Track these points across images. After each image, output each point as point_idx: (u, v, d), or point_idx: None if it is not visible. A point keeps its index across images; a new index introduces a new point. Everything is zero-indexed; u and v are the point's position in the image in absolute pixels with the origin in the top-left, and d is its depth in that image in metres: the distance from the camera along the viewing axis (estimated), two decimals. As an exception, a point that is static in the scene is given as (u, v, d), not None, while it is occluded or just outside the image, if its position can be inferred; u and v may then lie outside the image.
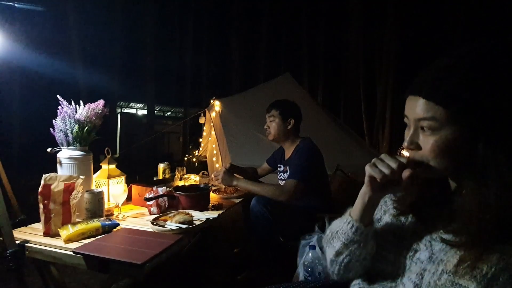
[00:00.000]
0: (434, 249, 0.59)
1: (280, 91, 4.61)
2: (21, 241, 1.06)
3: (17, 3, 2.17)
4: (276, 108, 1.92)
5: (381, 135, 10.16)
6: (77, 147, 1.40)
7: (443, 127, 0.55)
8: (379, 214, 0.77)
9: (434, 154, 0.57)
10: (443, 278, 0.53)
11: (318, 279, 1.29)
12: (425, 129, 0.58)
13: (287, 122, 1.90)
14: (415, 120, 0.60)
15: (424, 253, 0.61)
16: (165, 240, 1.08)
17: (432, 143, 0.57)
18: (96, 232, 1.15)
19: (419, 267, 0.60)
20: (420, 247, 0.62)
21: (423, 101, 0.57)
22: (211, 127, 4.74)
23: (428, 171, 0.60)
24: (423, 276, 0.58)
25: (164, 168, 2.03)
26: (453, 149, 0.56)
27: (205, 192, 1.63)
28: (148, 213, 1.48)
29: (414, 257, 0.62)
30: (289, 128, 1.90)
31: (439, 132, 0.56)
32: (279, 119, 1.90)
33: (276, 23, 12.04)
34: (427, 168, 0.59)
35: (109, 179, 1.51)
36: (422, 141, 0.60)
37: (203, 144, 5.93)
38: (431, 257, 0.59)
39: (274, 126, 1.91)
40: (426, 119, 0.57)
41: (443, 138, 0.56)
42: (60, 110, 1.40)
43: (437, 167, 0.58)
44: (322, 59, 12.11)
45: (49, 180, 1.17)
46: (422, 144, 0.60)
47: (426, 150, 0.59)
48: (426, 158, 0.59)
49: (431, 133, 0.57)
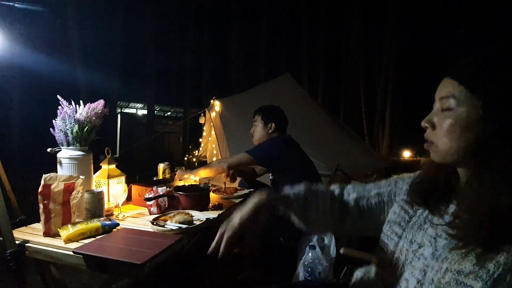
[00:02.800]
0: (438, 246, 0.59)
1: (280, 91, 4.62)
2: (21, 241, 1.06)
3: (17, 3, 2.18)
4: (259, 113, 2.05)
5: (381, 135, 10.16)
6: (77, 147, 1.39)
7: (459, 106, 0.57)
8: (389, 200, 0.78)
9: (443, 132, 0.59)
10: (447, 276, 0.53)
11: (318, 279, 1.29)
12: (444, 109, 0.60)
13: (269, 126, 2.00)
14: (439, 100, 0.62)
15: (428, 249, 0.60)
16: (165, 240, 1.08)
17: (445, 121, 0.59)
18: (96, 232, 1.15)
19: (422, 263, 0.60)
20: (424, 242, 0.62)
21: (448, 80, 0.61)
22: (211, 127, 4.74)
23: (435, 152, 0.62)
24: (426, 273, 0.58)
25: (164, 168, 2.02)
26: (463, 129, 0.57)
27: (205, 192, 1.62)
28: (148, 213, 1.48)
29: (418, 251, 0.62)
30: (270, 132, 2.00)
31: (455, 111, 0.58)
32: (261, 123, 2.02)
33: (276, 23, 12.03)
34: (435, 149, 0.62)
35: (109, 179, 1.51)
36: (437, 120, 0.61)
37: (203, 144, 5.93)
38: (434, 253, 0.59)
39: (258, 129, 2.04)
40: (447, 97, 0.60)
41: (457, 116, 0.58)
42: (60, 110, 1.40)
43: (443, 147, 0.60)
44: (322, 59, 12.11)
45: (49, 180, 1.16)
46: (436, 123, 0.62)
47: (438, 128, 0.61)
48: (436, 137, 0.61)
49: (448, 112, 0.59)
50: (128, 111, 12.66)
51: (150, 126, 9.85)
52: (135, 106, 12.79)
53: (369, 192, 0.81)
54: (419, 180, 0.70)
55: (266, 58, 11.86)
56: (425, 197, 0.67)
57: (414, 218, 0.68)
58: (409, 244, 0.65)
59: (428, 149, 0.63)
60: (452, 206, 0.62)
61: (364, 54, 10.66)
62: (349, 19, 10.68)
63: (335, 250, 1.44)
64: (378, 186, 0.82)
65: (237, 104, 4.60)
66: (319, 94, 11.79)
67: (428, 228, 0.63)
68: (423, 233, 0.64)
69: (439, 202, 0.65)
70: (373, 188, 0.82)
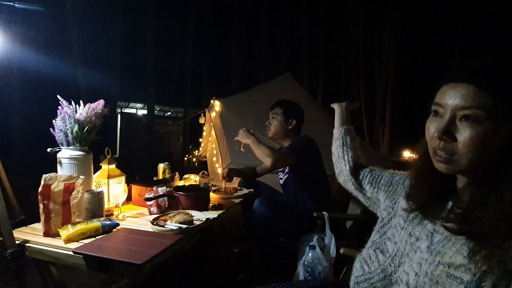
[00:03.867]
0: (433, 240, 0.60)
1: (280, 91, 4.61)
2: (21, 241, 1.06)
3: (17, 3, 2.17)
4: (280, 107, 1.93)
5: (381, 135, 10.16)
6: (77, 147, 1.39)
7: (488, 119, 0.52)
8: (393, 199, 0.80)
9: (469, 148, 0.54)
10: (439, 269, 0.55)
11: (318, 279, 1.29)
12: (466, 120, 0.54)
13: (289, 122, 1.90)
14: (455, 109, 0.56)
15: (425, 242, 0.62)
16: (165, 240, 1.08)
17: (471, 135, 0.53)
18: (96, 232, 1.15)
19: (418, 256, 0.61)
20: (421, 236, 0.64)
21: (473, 88, 0.54)
22: (211, 127, 4.74)
23: (455, 166, 0.57)
24: (421, 266, 0.59)
25: (164, 168, 2.03)
26: (489, 145, 0.53)
27: (205, 192, 1.62)
28: (148, 213, 1.48)
29: (415, 244, 0.64)
30: (289, 128, 1.91)
31: (482, 124, 0.53)
32: (281, 117, 1.90)
33: (276, 23, 12.02)
34: (456, 163, 0.56)
35: (109, 179, 1.51)
36: (458, 133, 0.55)
37: (203, 144, 5.93)
38: (429, 247, 0.60)
39: (276, 123, 1.91)
40: (472, 107, 0.53)
41: (484, 131, 0.52)
42: (60, 110, 1.40)
43: (466, 162, 0.55)
44: (322, 59, 12.10)
45: (49, 180, 1.16)
46: (458, 136, 0.55)
47: (461, 142, 0.54)
48: (458, 151, 0.55)
49: (472, 124, 0.53)
50: (128, 111, 12.66)
51: (150, 126, 9.85)
52: (135, 106, 12.79)
53: (382, 173, 0.89)
54: (414, 185, 0.70)
55: (266, 58, 11.85)
56: (425, 204, 0.66)
57: (415, 212, 0.70)
58: (408, 236, 0.66)
59: (445, 163, 0.57)
60: (450, 203, 0.63)
61: (364, 54, 10.66)
62: (349, 19, 10.69)
63: (335, 250, 1.44)
64: (391, 173, 0.88)
65: (237, 104, 4.60)
66: (319, 94, 11.79)
67: (428, 223, 0.64)
68: (422, 227, 0.65)
69: (438, 206, 0.65)
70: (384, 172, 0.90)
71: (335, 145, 1.04)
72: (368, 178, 0.91)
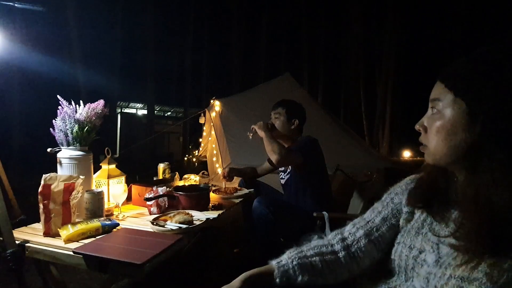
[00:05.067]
0: (441, 253, 0.58)
1: (280, 91, 4.61)
2: (21, 241, 1.06)
3: (17, 3, 2.17)
4: (283, 107, 1.92)
5: (381, 135, 10.16)
6: (77, 147, 1.39)
7: (445, 108, 0.58)
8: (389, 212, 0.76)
9: (434, 135, 0.60)
10: (451, 283, 0.52)
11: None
12: (433, 111, 0.61)
13: (292, 122, 1.90)
14: (430, 103, 0.62)
15: (431, 255, 0.60)
16: (165, 240, 1.08)
17: (434, 124, 0.60)
18: (96, 232, 1.15)
19: (425, 270, 0.59)
20: (424, 247, 0.62)
21: (438, 83, 0.61)
22: (211, 127, 4.73)
23: (428, 155, 0.63)
24: (429, 280, 0.57)
25: (164, 168, 2.03)
26: (451, 131, 0.57)
27: (205, 192, 1.62)
28: (148, 213, 1.48)
29: (419, 257, 0.62)
30: (292, 128, 1.91)
31: (443, 113, 0.58)
32: (284, 117, 1.90)
33: (276, 23, 12.03)
34: (428, 151, 0.62)
35: (109, 179, 1.51)
36: (428, 123, 0.62)
37: (203, 144, 5.93)
38: (438, 260, 0.58)
39: (278, 123, 1.91)
40: (435, 99, 0.60)
41: (444, 118, 0.58)
42: (60, 110, 1.40)
43: (435, 150, 0.60)
44: (322, 59, 12.11)
45: (49, 180, 1.16)
46: (427, 126, 0.62)
47: (429, 131, 0.61)
48: (427, 139, 0.62)
49: (436, 115, 0.60)
50: (128, 111, 12.67)
51: (150, 126, 9.85)
52: (135, 106, 12.80)
53: (373, 222, 0.76)
54: (419, 184, 0.69)
55: (266, 58, 11.86)
56: (426, 200, 0.66)
57: (411, 222, 0.68)
58: (408, 250, 0.64)
59: (423, 151, 0.64)
60: (453, 211, 0.61)
61: (364, 54, 10.67)
62: (349, 19, 10.69)
63: (335, 250, 1.43)
64: (378, 211, 0.77)
65: (237, 104, 4.60)
66: (319, 94, 11.80)
67: (428, 232, 0.62)
68: (421, 237, 0.63)
69: (440, 206, 0.64)
70: (373, 216, 0.77)
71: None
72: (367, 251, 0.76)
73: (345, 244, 0.76)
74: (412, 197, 0.70)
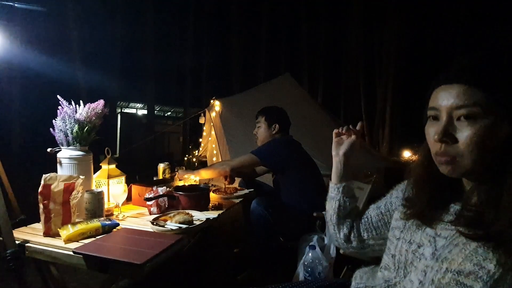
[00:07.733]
0: (437, 245, 0.58)
1: (280, 91, 4.61)
2: (21, 241, 1.06)
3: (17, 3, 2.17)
4: (262, 114, 2.04)
5: (381, 135, 10.15)
6: (77, 147, 1.39)
7: (484, 116, 0.52)
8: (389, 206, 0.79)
9: (470, 147, 0.53)
10: (447, 276, 0.52)
11: (318, 279, 1.29)
12: (463, 119, 0.54)
13: (272, 127, 2.00)
14: (451, 110, 0.55)
15: (428, 248, 0.59)
16: (165, 240, 1.08)
17: (470, 134, 0.53)
18: (96, 232, 1.15)
19: (423, 263, 0.59)
20: (423, 242, 0.61)
21: (463, 87, 0.54)
22: (211, 127, 4.73)
23: (458, 168, 0.55)
24: (426, 273, 0.57)
25: (164, 168, 2.03)
26: (490, 142, 0.52)
27: (205, 192, 1.62)
28: (148, 213, 1.48)
29: (417, 251, 0.62)
30: (274, 133, 1.99)
31: (480, 122, 0.52)
32: (265, 124, 2.01)
33: (276, 23, 12.02)
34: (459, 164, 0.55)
35: (109, 179, 1.51)
36: (458, 133, 0.54)
37: (203, 144, 5.92)
38: (434, 253, 0.58)
39: (261, 131, 2.03)
40: (467, 106, 0.53)
41: (483, 127, 0.52)
42: (60, 110, 1.40)
43: (469, 162, 0.54)
44: (322, 59, 12.10)
45: (49, 180, 1.16)
46: (458, 136, 0.54)
47: (461, 142, 0.54)
48: (461, 151, 0.54)
49: (470, 123, 0.53)
50: (128, 111, 12.66)
51: (150, 126, 9.85)
52: (135, 106, 12.79)
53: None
54: (414, 192, 0.67)
55: (266, 58, 11.85)
56: (423, 212, 0.64)
57: (412, 219, 0.68)
58: (408, 244, 0.64)
59: (447, 165, 0.56)
60: (452, 205, 0.61)
61: (364, 54, 10.66)
62: (349, 19, 10.69)
63: (335, 250, 1.44)
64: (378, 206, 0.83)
65: (237, 104, 4.59)
66: (319, 94, 11.78)
67: (427, 227, 0.62)
68: (421, 232, 0.63)
69: (436, 209, 0.62)
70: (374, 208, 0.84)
71: (329, 204, 0.90)
72: (365, 232, 0.82)
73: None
74: (408, 207, 0.68)
